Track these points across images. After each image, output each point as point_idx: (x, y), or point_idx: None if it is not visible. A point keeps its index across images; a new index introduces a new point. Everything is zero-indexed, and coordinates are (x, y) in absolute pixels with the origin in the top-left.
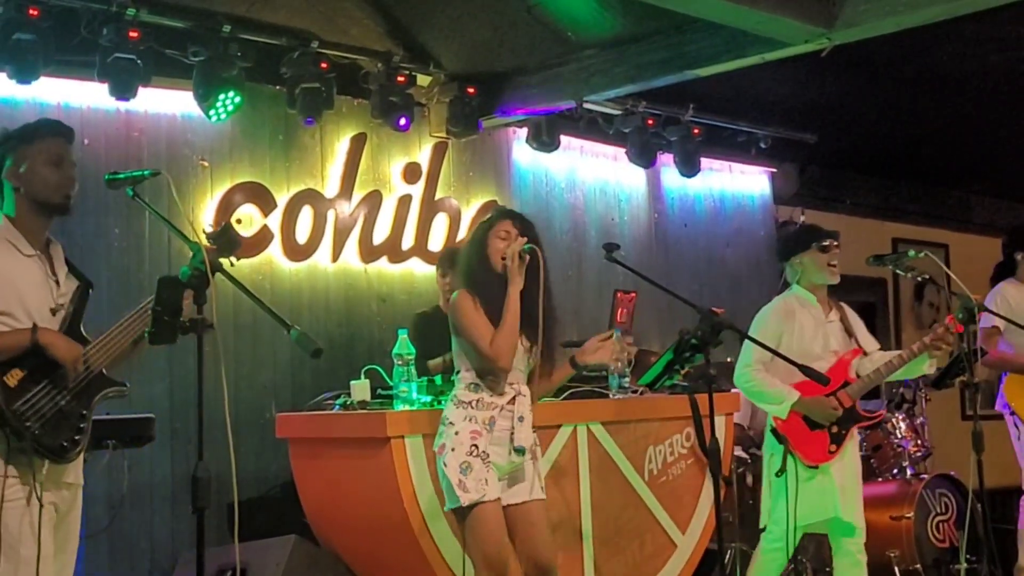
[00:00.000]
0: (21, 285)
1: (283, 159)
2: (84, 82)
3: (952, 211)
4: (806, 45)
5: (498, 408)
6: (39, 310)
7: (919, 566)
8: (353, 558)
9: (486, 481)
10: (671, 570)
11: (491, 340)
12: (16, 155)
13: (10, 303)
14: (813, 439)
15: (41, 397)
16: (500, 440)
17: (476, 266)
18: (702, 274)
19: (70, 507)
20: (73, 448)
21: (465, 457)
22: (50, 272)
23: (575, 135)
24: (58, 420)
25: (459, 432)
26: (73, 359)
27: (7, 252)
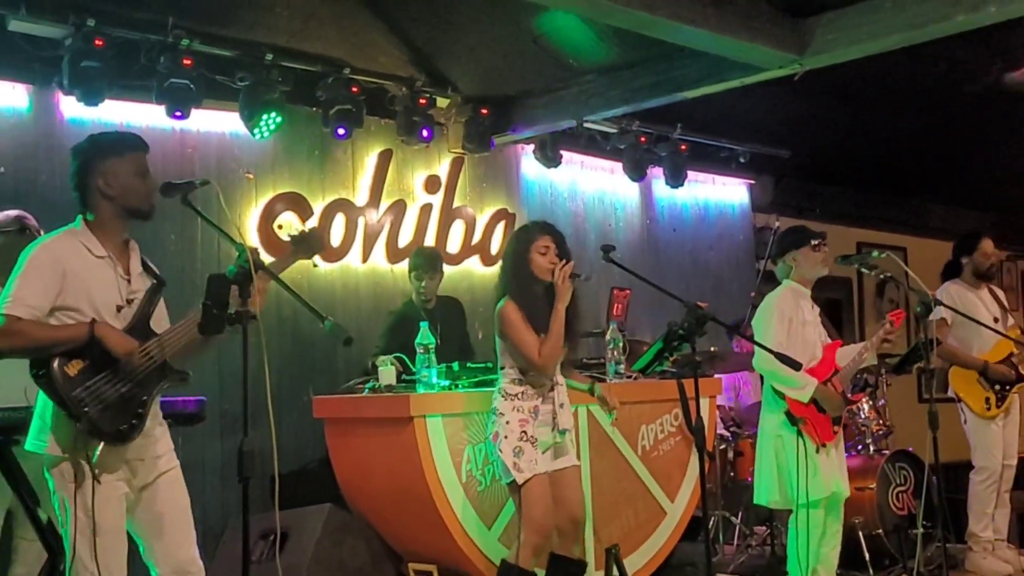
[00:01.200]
0: (90, 284)
1: (319, 172)
2: (143, 104)
3: (910, 217)
4: (780, 70)
5: (540, 397)
6: (106, 306)
7: (880, 531)
8: (381, 524)
9: (535, 461)
10: (661, 534)
11: (539, 351)
12: (107, 165)
13: (79, 300)
14: (823, 421)
15: (101, 384)
16: (544, 422)
17: (521, 277)
18: (688, 273)
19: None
20: (132, 431)
21: (517, 443)
22: (122, 272)
23: (576, 151)
24: (119, 405)
25: (509, 422)
26: (125, 351)
27: (79, 254)
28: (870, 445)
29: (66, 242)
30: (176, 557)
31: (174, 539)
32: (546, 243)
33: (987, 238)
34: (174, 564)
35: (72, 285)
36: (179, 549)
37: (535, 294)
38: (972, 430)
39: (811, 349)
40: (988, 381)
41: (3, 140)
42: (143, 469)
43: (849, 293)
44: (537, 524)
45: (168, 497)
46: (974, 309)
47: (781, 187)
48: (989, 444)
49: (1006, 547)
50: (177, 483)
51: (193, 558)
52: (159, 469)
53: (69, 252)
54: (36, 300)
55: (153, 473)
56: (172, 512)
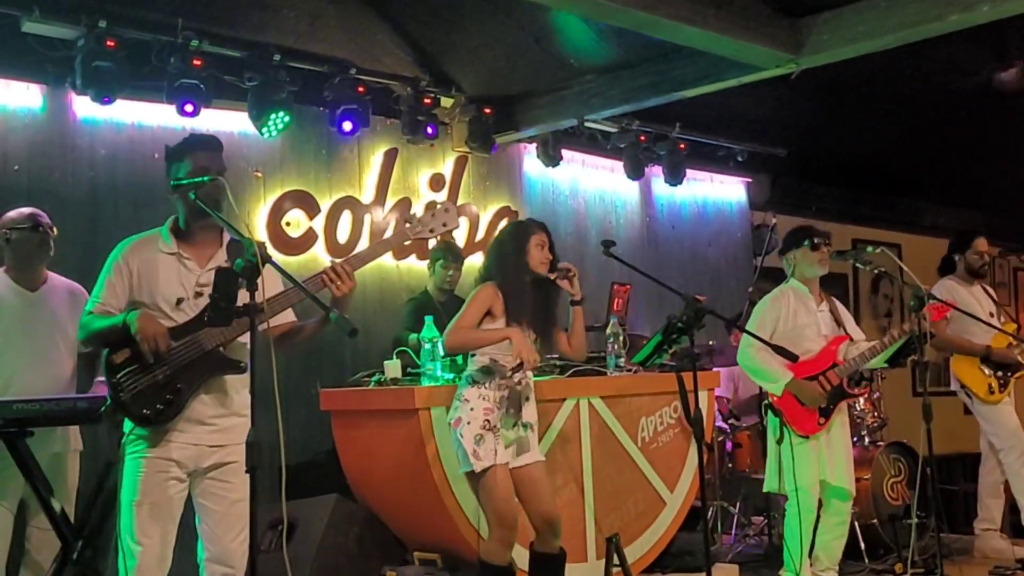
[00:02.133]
0: (155, 279)
1: (326, 170)
2: (154, 104)
3: (904, 215)
4: (777, 69)
5: (508, 389)
6: (165, 300)
7: (875, 521)
8: (386, 513)
9: (495, 451)
10: (661, 524)
11: (451, 331)
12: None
13: (145, 295)
14: (805, 413)
15: (138, 372)
16: (509, 415)
17: (516, 266)
18: (687, 269)
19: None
20: (157, 416)
21: (479, 430)
22: (195, 266)
23: (577, 149)
24: (151, 391)
25: (473, 408)
26: (145, 336)
27: (150, 251)
28: (865, 437)
29: (142, 242)
30: (219, 545)
31: (220, 529)
32: (542, 239)
33: (981, 237)
34: (216, 553)
35: (141, 281)
36: (223, 539)
37: (524, 284)
38: (984, 415)
39: (802, 345)
40: (990, 366)
41: (18, 139)
42: (201, 455)
43: (845, 289)
44: (499, 515)
45: (224, 486)
46: (969, 305)
47: (778, 185)
48: (1005, 422)
49: (999, 537)
50: (237, 475)
51: (235, 551)
52: (220, 457)
53: (141, 251)
54: (109, 299)
55: (213, 461)
56: (222, 503)
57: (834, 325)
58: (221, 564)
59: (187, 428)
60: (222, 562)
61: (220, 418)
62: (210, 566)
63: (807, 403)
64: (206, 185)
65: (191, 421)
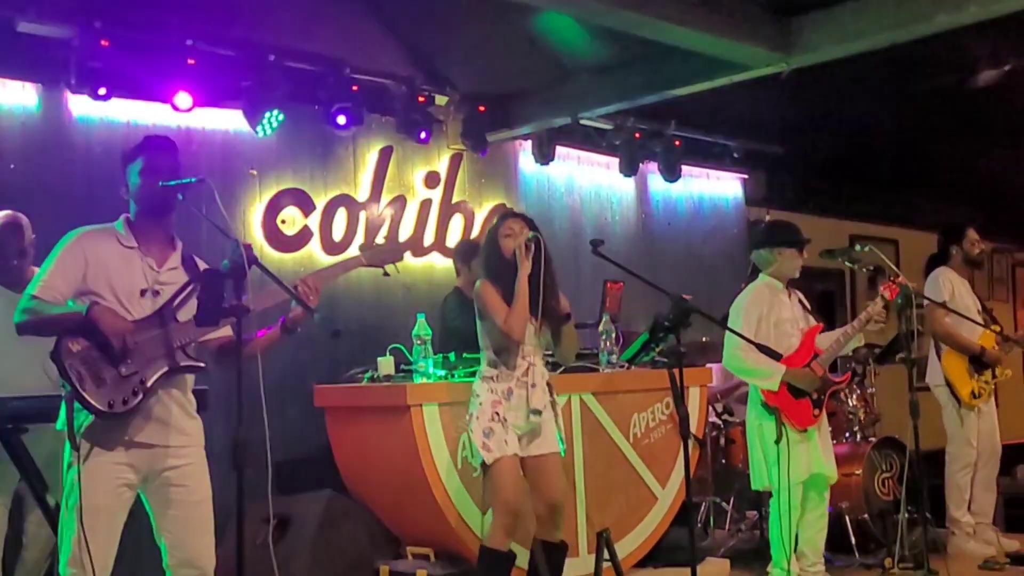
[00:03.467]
0: (112, 271)
1: (321, 168)
2: (149, 103)
3: (901, 211)
4: (768, 68)
5: (514, 379)
6: (127, 291)
7: (866, 516)
8: (380, 508)
9: (505, 442)
10: (652, 519)
11: (504, 318)
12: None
13: (100, 285)
14: (799, 406)
15: (100, 363)
16: (518, 406)
17: (493, 261)
18: (683, 266)
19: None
20: (123, 407)
21: (488, 423)
22: (153, 264)
23: (573, 146)
24: (115, 384)
25: (483, 403)
26: (114, 332)
27: (108, 244)
28: (857, 433)
29: (97, 233)
30: (185, 550)
31: (185, 532)
32: (511, 225)
33: (970, 227)
34: (181, 557)
35: (95, 272)
36: (188, 542)
37: (505, 273)
38: (951, 418)
39: (786, 341)
40: (978, 368)
41: (14, 137)
42: (155, 456)
43: (842, 285)
44: (506, 505)
45: (182, 490)
46: (965, 295)
47: (774, 182)
48: (968, 433)
49: (989, 529)
50: (193, 477)
51: (202, 552)
52: (176, 459)
53: (97, 241)
54: (59, 284)
55: (169, 462)
56: (184, 505)
57: (806, 316)
58: (190, 567)
59: (144, 427)
60: (191, 565)
61: (176, 418)
62: (179, 571)
63: (807, 389)
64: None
65: (150, 420)
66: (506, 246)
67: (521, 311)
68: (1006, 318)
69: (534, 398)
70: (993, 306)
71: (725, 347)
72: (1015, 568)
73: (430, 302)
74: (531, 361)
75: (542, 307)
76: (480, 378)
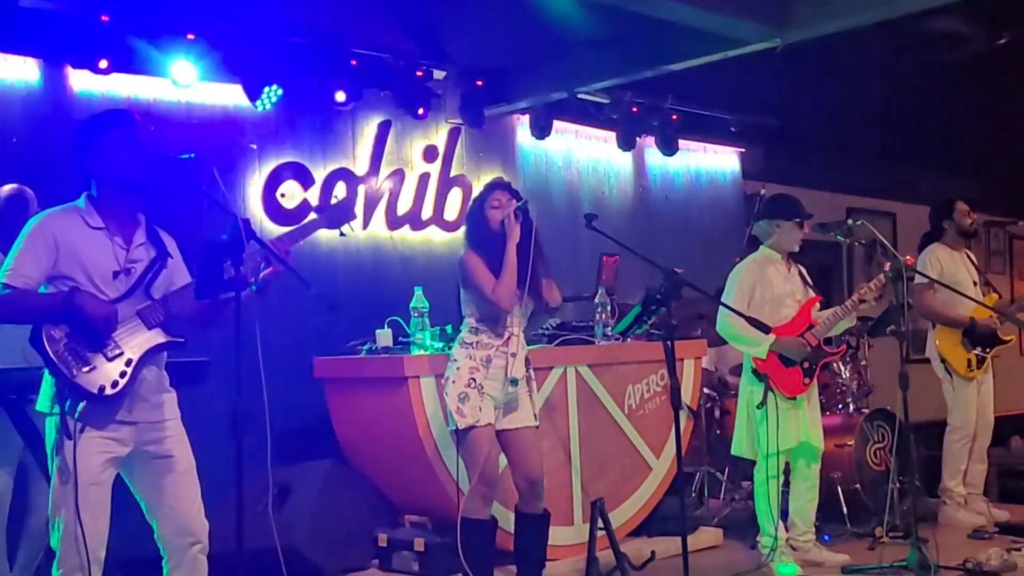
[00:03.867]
0: (84, 253)
1: (320, 142)
2: (149, 78)
3: (899, 184)
4: (762, 44)
5: (494, 348)
6: (100, 274)
7: (858, 486)
8: (379, 478)
9: (480, 409)
10: (647, 489)
11: (493, 288)
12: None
13: (72, 269)
14: (789, 374)
15: (84, 347)
16: (496, 375)
17: (478, 231)
18: (680, 239)
19: (152, 444)
20: (113, 389)
21: (463, 388)
22: (122, 242)
23: (571, 121)
24: (102, 367)
25: (460, 368)
26: (98, 316)
27: (75, 226)
28: (850, 404)
29: (63, 216)
30: (177, 519)
31: (176, 501)
32: (498, 196)
33: (959, 200)
34: (175, 526)
35: (66, 256)
36: (181, 511)
37: (491, 243)
38: (950, 390)
39: (780, 312)
40: (972, 339)
41: (16, 113)
42: (140, 432)
43: (839, 259)
44: (480, 473)
45: (168, 461)
46: (956, 271)
47: (771, 155)
48: (965, 404)
49: (980, 500)
50: (177, 447)
51: (194, 519)
52: (160, 433)
53: (64, 225)
54: (29, 270)
55: (153, 436)
56: (173, 475)
57: (804, 288)
58: (184, 535)
59: (126, 404)
60: (184, 532)
61: (155, 394)
62: (173, 540)
63: (794, 357)
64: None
65: (132, 397)
66: (492, 217)
67: (509, 281)
68: (1003, 290)
69: (514, 368)
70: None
71: (718, 314)
72: (1004, 537)
73: (428, 275)
74: (513, 331)
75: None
76: (459, 343)
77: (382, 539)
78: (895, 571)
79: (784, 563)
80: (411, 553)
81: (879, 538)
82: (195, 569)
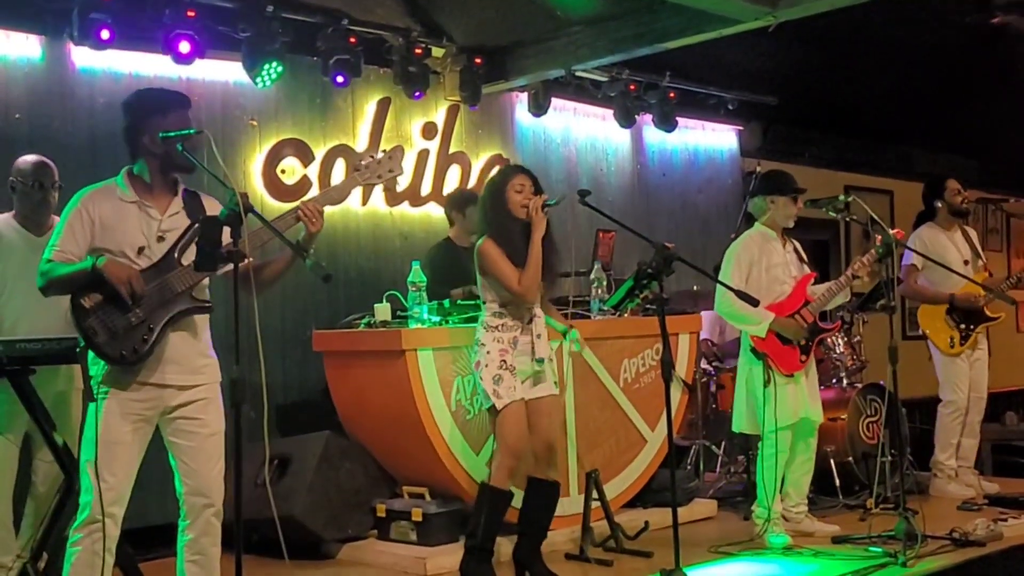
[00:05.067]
0: (117, 227)
1: (320, 119)
2: (150, 54)
3: (895, 162)
4: (756, 22)
5: (519, 328)
6: (129, 246)
7: (851, 459)
8: (376, 449)
9: (514, 388)
10: (642, 461)
11: (519, 280)
12: (150, 126)
13: (108, 242)
14: (787, 352)
15: (112, 314)
16: (523, 352)
17: (497, 215)
18: (678, 216)
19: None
20: (134, 356)
21: (497, 371)
22: (157, 213)
23: (569, 98)
24: (126, 333)
25: (490, 352)
26: (121, 280)
27: (110, 201)
28: (844, 378)
29: (100, 193)
30: (195, 479)
31: (195, 463)
32: (521, 181)
33: (950, 179)
34: (194, 486)
35: (101, 230)
36: (199, 473)
37: (512, 231)
38: (939, 366)
39: (777, 288)
40: (955, 315)
41: (18, 88)
42: (170, 395)
43: (836, 235)
44: (511, 447)
45: (195, 422)
46: (944, 251)
47: (770, 133)
48: (955, 379)
49: (971, 473)
50: (207, 411)
51: (211, 483)
52: (190, 396)
53: (101, 200)
54: (70, 246)
55: (181, 398)
56: (197, 437)
57: (800, 264)
58: (200, 496)
59: (157, 368)
60: (200, 494)
61: (188, 358)
62: (189, 499)
63: (792, 338)
64: (192, 138)
65: (162, 361)
66: (514, 201)
67: (535, 274)
68: (1000, 267)
69: (540, 348)
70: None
71: (716, 292)
72: (992, 509)
73: (426, 250)
74: (535, 312)
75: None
76: (484, 328)
77: (380, 509)
78: (883, 541)
79: (776, 534)
80: (408, 523)
81: (870, 510)
82: (208, 532)
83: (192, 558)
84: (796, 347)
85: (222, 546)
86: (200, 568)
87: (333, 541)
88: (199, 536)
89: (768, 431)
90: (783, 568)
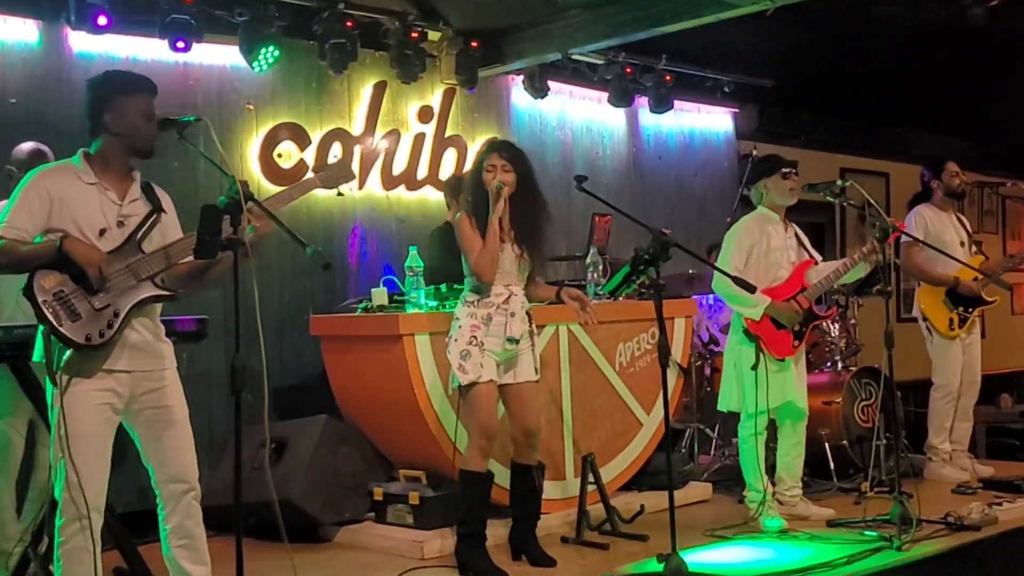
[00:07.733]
0: (76, 208)
1: (316, 103)
2: (147, 39)
3: (892, 144)
4: (753, 6)
5: (495, 306)
6: (90, 228)
7: (845, 442)
8: (373, 433)
9: (481, 365)
10: (637, 444)
11: (476, 257)
12: (114, 104)
13: (65, 223)
14: (780, 337)
15: (74, 296)
16: (496, 332)
17: (474, 192)
18: (673, 199)
19: (147, 392)
20: (99, 339)
21: (465, 346)
22: (115, 198)
23: (565, 81)
24: (90, 317)
25: (462, 326)
26: (89, 263)
27: (69, 181)
28: (838, 362)
29: (58, 171)
30: (172, 466)
31: (171, 451)
32: (493, 161)
33: (949, 160)
34: (170, 474)
35: (59, 209)
36: (175, 459)
37: (485, 209)
38: (934, 349)
39: (775, 272)
40: (955, 299)
41: (15, 73)
42: (136, 381)
43: (832, 217)
44: (480, 427)
45: (163, 410)
46: (943, 230)
47: (765, 116)
48: (949, 363)
49: (965, 456)
50: (172, 397)
51: (187, 467)
52: (154, 383)
53: (59, 180)
54: (23, 223)
55: (149, 386)
56: (168, 424)
57: (800, 251)
58: (179, 482)
59: (122, 355)
60: (179, 480)
61: (150, 343)
62: (168, 487)
63: (786, 323)
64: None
65: (125, 347)
66: (487, 179)
67: (489, 252)
68: (996, 250)
69: (512, 327)
70: (983, 238)
71: (714, 274)
72: (987, 492)
73: (423, 235)
74: (512, 290)
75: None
76: (462, 302)
77: (377, 493)
78: (878, 525)
79: (771, 517)
80: (405, 506)
81: (864, 493)
82: (191, 514)
83: (180, 543)
84: (790, 332)
85: (219, 529)
86: (190, 551)
87: (330, 524)
88: (183, 520)
89: (748, 413)
90: (778, 552)
